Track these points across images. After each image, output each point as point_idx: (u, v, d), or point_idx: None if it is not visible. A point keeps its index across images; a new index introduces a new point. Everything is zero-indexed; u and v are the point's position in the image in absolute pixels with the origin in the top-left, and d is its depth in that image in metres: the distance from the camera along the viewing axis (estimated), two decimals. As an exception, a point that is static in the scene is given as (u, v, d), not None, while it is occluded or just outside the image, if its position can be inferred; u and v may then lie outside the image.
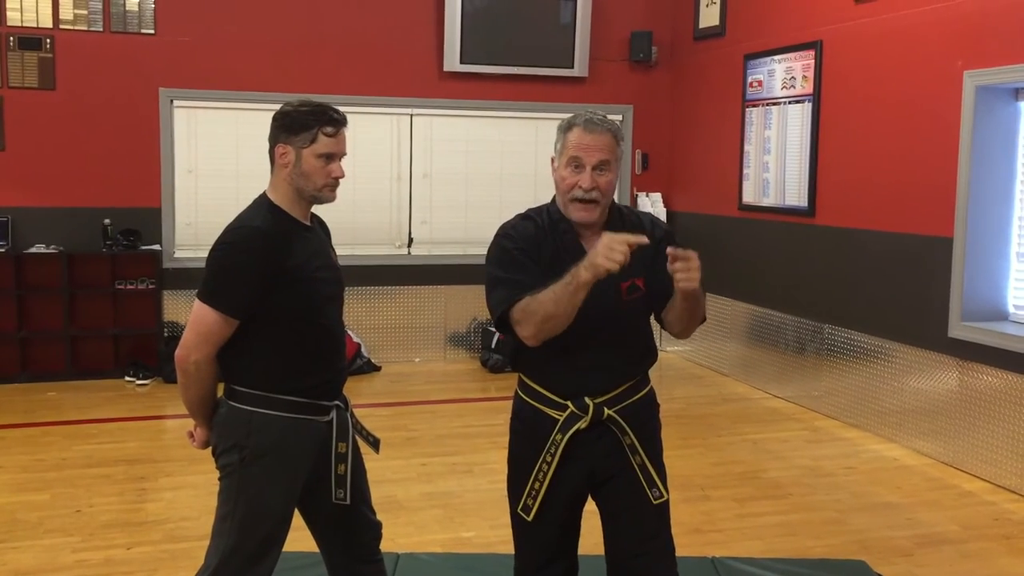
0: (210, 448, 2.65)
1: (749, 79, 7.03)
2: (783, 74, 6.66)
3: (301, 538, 2.87)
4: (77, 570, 3.78)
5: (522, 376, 2.65)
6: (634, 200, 8.04)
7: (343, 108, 2.67)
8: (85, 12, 6.88)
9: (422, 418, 6.14)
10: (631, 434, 2.54)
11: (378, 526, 2.82)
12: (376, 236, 7.65)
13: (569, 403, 2.52)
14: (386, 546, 2.89)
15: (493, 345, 7.53)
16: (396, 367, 7.54)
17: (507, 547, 2.85)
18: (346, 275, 2.77)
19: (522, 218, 2.61)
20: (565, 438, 2.51)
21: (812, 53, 6.34)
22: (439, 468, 5.11)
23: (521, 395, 2.64)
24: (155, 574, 3.75)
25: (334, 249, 2.77)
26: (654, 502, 2.56)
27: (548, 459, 2.53)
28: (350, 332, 7.03)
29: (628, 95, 8.10)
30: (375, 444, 2.83)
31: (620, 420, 2.53)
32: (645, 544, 2.58)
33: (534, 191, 7.65)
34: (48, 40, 6.82)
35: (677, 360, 7.79)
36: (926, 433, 5.42)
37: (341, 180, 2.61)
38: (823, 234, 6.31)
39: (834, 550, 4.08)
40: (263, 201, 2.60)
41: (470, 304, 7.72)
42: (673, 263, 2.29)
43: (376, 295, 7.63)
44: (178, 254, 7.21)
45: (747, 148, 7.09)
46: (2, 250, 6.74)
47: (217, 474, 2.61)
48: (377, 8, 7.47)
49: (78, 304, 6.98)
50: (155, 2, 7.00)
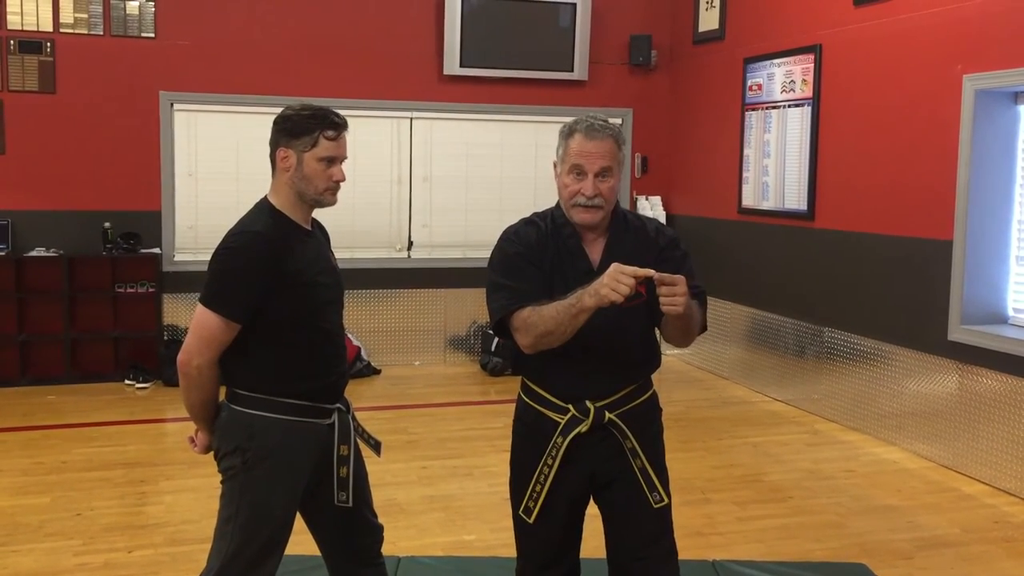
0: (212, 452, 2.66)
1: (748, 83, 7.04)
2: (782, 78, 6.67)
3: (303, 541, 2.87)
4: (78, 573, 3.77)
5: (524, 379, 2.65)
6: (633, 203, 8.05)
7: (343, 111, 2.68)
8: (85, 16, 6.89)
9: (422, 421, 6.14)
10: (632, 438, 2.55)
11: (379, 529, 2.83)
12: (376, 239, 7.65)
13: (570, 406, 2.52)
14: (387, 549, 2.90)
15: (493, 348, 7.53)
16: (396, 370, 7.54)
17: (508, 550, 2.86)
18: (346, 278, 2.78)
19: (525, 223, 2.62)
20: (566, 441, 2.51)
21: (811, 57, 6.35)
22: (440, 471, 5.11)
23: (523, 398, 2.65)
24: (156, 577, 3.75)
25: (334, 253, 2.77)
26: (655, 506, 2.57)
27: (549, 462, 2.53)
28: (350, 335, 7.04)
29: (628, 99, 8.11)
30: (376, 447, 2.84)
31: (621, 424, 2.54)
32: (646, 548, 2.58)
33: (534, 194, 7.66)
34: (48, 44, 6.83)
35: (677, 363, 7.80)
36: (926, 436, 5.42)
37: (342, 184, 2.62)
38: (823, 237, 6.32)
39: (835, 553, 4.08)
40: (264, 205, 2.60)
41: (470, 307, 7.73)
42: (659, 287, 2.29)
43: (376, 298, 7.63)
44: (178, 257, 7.21)
45: (746, 152, 7.10)
46: (2, 253, 6.75)
47: (218, 477, 2.61)
48: (377, 12, 7.48)
49: (78, 307, 6.98)
50: (155, 6, 7.01)
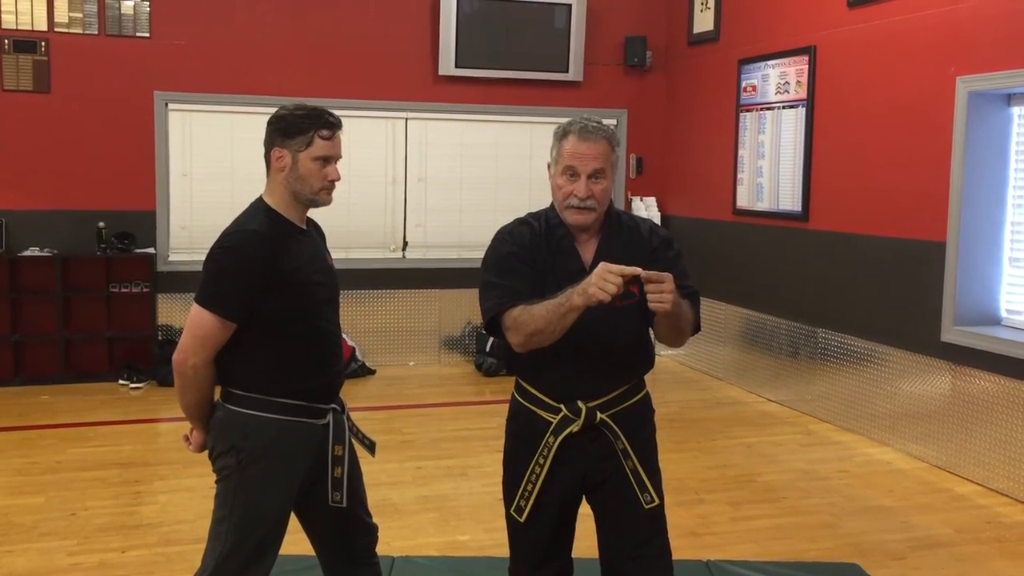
0: (206, 451, 2.66)
1: (743, 84, 7.06)
2: (777, 79, 6.68)
3: (297, 541, 2.87)
4: (72, 573, 3.77)
5: (518, 378, 2.66)
6: (628, 204, 8.06)
7: (338, 111, 2.68)
8: (80, 15, 6.88)
9: (417, 421, 6.14)
10: (623, 439, 2.55)
11: (374, 529, 2.83)
12: (371, 239, 7.65)
13: (562, 406, 2.53)
14: (381, 549, 2.90)
15: (488, 349, 7.54)
16: (391, 370, 7.54)
17: (502, 550, 2.86)
18: (341, 278, 2.78)
19: (519, 222, 2.63)
20: (557, 441, 2.52)
21: (806, 58, 6.37)
22: (434, 471, 5.11)
23: (517, 397, 2.66)
24: (150, 577, 3.75)
25: (329, 252, 2.78)
26: (646, 507, 2.57)
27: (541, 461, 2.54)
28: (345, 335, 7.01)
29: (622, 99, 8.12)
30: (371, 447, 2.84)
31: (612, 424, 2.54)
32: (638, 549, 2.59)
33: (528, 195, 7.66)
34: (43, 43, 6.82)
35: (671, 364, 7.81)
36: (919, 437, 5.44)
37: (337, 183, 2.62)
38: (817, 238, 6.33)
39: (828, 553, 4.10)
40: (259, 205, 2.61)
41: (465, 308, 7.73)
42: (646, 284, 2.30)
43: (371, 299, 7.63)
44: (172, 257, 7.21)
45: (741, 153, 7.11)
46: (-4, 253, 6.74)
47: (213, 477, 2.61)
48: (372, 12, 7.48)
49: (72, 307, 6.97)
50: (150, 5, 7.01)
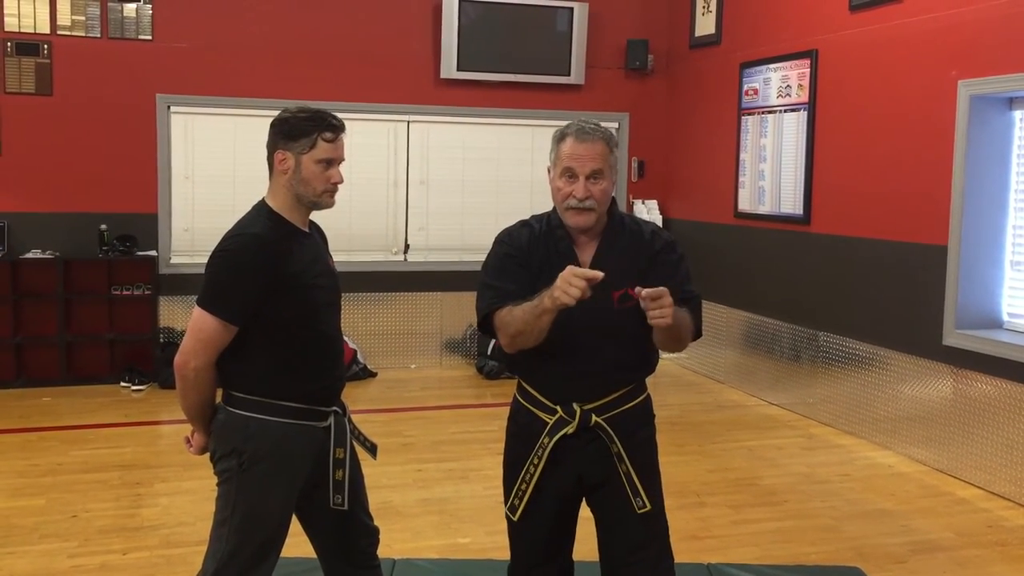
0: (207, 454, 2.66)
1: (745, 87, 7.06)
2: (779, 83, 6.69)
3: (298, 544, 2.88)
4: (73, 575, 3.77)
5: (519, 379, 2.68)
6: (630, 207, 8.06)
7: (340, 114, 2.69)
8: (83, 18, 6.89)
9: (418, 424, 6.14)
10: (618, 443, 2.55)
11: (375, 532, 2.83)
12: (372, 242, 7.66)
13: (558, 408, 2.54)
14: (382, 552, 2.90)
15: (489, 351, 7.54)
16: (392, 373, 7.54)
17: (503, 553, 2.86)
18: (342, 281, 2.78)
19: (521, 224, 2.66)
20: (552, 442, 2.53)
21: (807, 62, 6.37)
22: (435, 474, 5.11)
23: (517, 398, 2.68)
24: (151, 580, 3.76)
25: (331, 255, 2.78)
26: (637, 512, 2.56)
27: (535, 461, 2.55)
28: (346, 338, 7.02)
29: (624, 103, 8.12)
30: (373, 450, 2.85)
31: (607, 428, 2.54)
32: (636, 553, 2.59)
33: (530, 198, 7.66)
34: (45, 46, 6.83)
35: (672, 367, 7.80)
36: (920, 440, 5.43)
37: (339, 186, 2.63)
38: (818, 242, 6.34)
39: (829, 557, 4.09)
40: (262, 208, 2.61)
41: (466, 310, 7.72)
42: (644, 303, 2.31)
43: (372, 301, 7.64)
44: (174, 260, 7.21)
45: (743, 156, 7.11)
46: (-2, 255, 6.75)
47: (214, 480, 2.62)
48: (374, 15, 7.49)
49: (74, 310, 6.98)
50: (152, 8, 7.02)
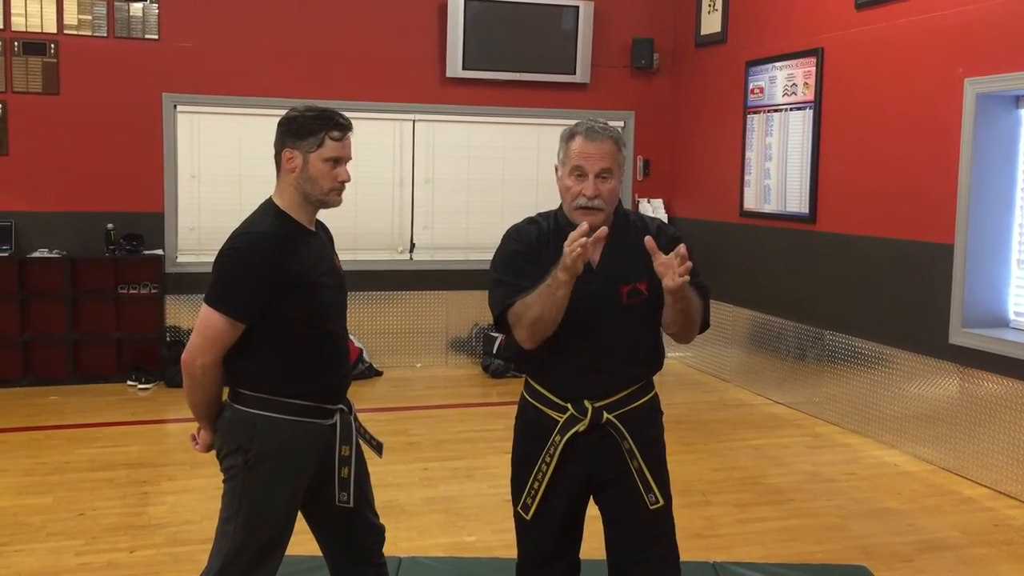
0: (214, 451, 2.67)
1: (750, 86, 7.05)
2: (784, 81, 6.68)
3: (304, 542, 2.88)
4: (80, 573, 3.79)
5: (527, 377, 2.67)
6: (636, 206, 8.06)
7: (346, 114, 2.69)
8: (89, 17, 6.91)
9: (423, 423, 6.15)
10: (629, 439, 2.55)
11: (381, 529, 2.83)
12: (378, 241, 7.67)
13: (569, 405, 2.54)
14: (388, 550, 2.91)
15: (494, 350, 7.54)
16: (398, 372, 7.55)
17: (509, 551, 2.87)
18: (348, 280, 2.79)
19: (528, 221, 2.66)
20: (563, 440, 2.53)
21: (813, 60, 6.36)
22: (441, 473, 5.12)
23: (525, 396, 2.67)
24: (158, 577, 3.77)
25: (337, 254, 2.79)
26: (650, 508, 2.57)
27: (547, 460, 2.55)
28: (352, 337, 7.05)
29: (630, 102, 8.12)
30: (378, 448, 2.85)
31: (619, 425, 2.54)
32: (645, 550, 2.59)
33: (536, 197, 7.67)
34: (52, 45, 6.85)
35: (679, 366, 7.80)
36: (927, 439, 5.42)
37: (347, 184, 2.63)
38: (824, 240, 6.33)
39: (835, 555, 4.09)
40: (269, 206, 2.62)
41: (472, 309, 7.74)
42: (661, 265, 2.33)
43: (378, 300, 7.64)
44: (181, 259, 7.23)
45: (748, 155, 7.11)
46: (5, 254, 6.76)
47: (220, 478, 2.62)
48: (380, 14, 7.50)
49: (81, 308, 7.00)
50: (159, 8, 7.04)
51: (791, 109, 6.61)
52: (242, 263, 2.50)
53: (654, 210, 8.06)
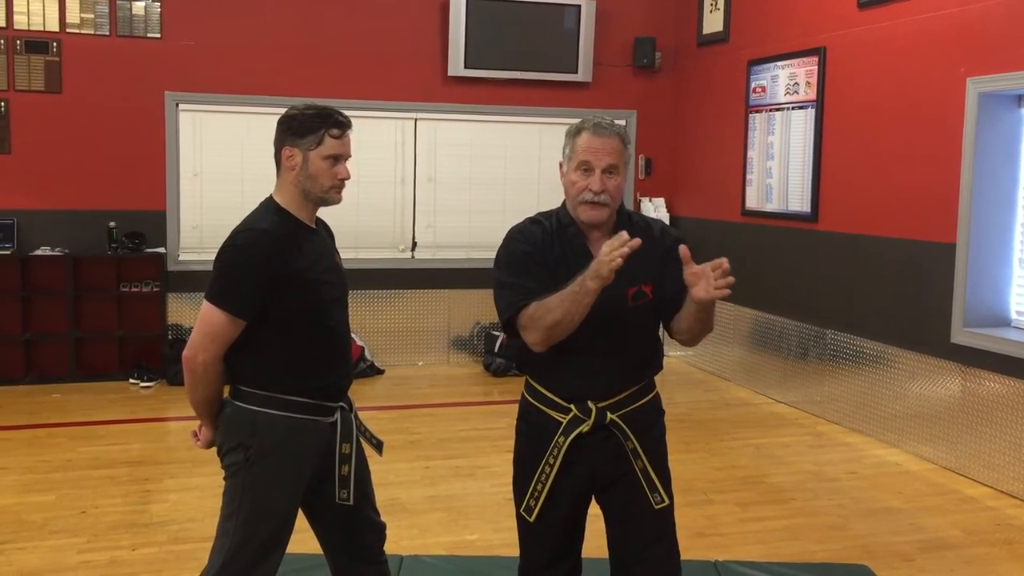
0: (215, 449, 2.67)
1: (752, 85, 7.05)
2: (786, 80, 6.68)
3: (305, 540, 2.88)
4: (82, 571, 3.79)
5: (528, 378, 2.67)
6: (637, 205, 8.06)
7: (347, 112, 2.70)
8: (92, 16, 6.91)
9: (425, 421, 6.15)
10: (633, 439, 2.55)
11: (382, 527, 2.83)
12: (380, 240, 7.67)
13: (572, 406, 2.53)
14: (389, 548, 2.91)
15: (496, 349, 7.55)
16: (399, 370, 7.55)
17: (510, 550, 2.87)
18: (349, 278, 2.79)
19: (531, 221, 2.64)
20: (567, 441, 2.53)
21: (815, 59, 6.36)
22: (442, 471, 5.12)
23: (527, 397, 2.66)
24: (159, 575, 3.76)
25: (338, 252, 2.79)
26: (655, 507, 2.57)
27: (551, 461, 2.54)
28: (354, 335, 7.04)
29: (632, 100, 8.12)
30: (379, 447, 2.85)
31: (623, 425, 2.54)
32: (648, 549, 2.59)
33: (537, 195, 7.67)
34: (55, 44, 6.85)
35: (680, 365, 7.80)
36: (928, 438, 5.42)
37: (347, 182, 2.64)
38: (826, 240, 6.32)
39: (837, 555, 4.09)
40: (270, 204, 2.62)
41: (473, 308, 7.74)
42: (714, 271, 2.33)
43: (380, 299, 7.65)
44: (183, 257, 7.23)
45: (750, 154, 7.10)
46: (7, 252, 6.77)
47: (222, 476, 2.63)
48: (382, 13, 7.50)
49: (83, 306, 7.00)
50: (161, 6, 7.04)
51: (793, 108, 6.61)
52: (243, 260, 2.51)
53: (656, 209, 8.05)
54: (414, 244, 7.78)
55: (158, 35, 7.06)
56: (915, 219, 5.53)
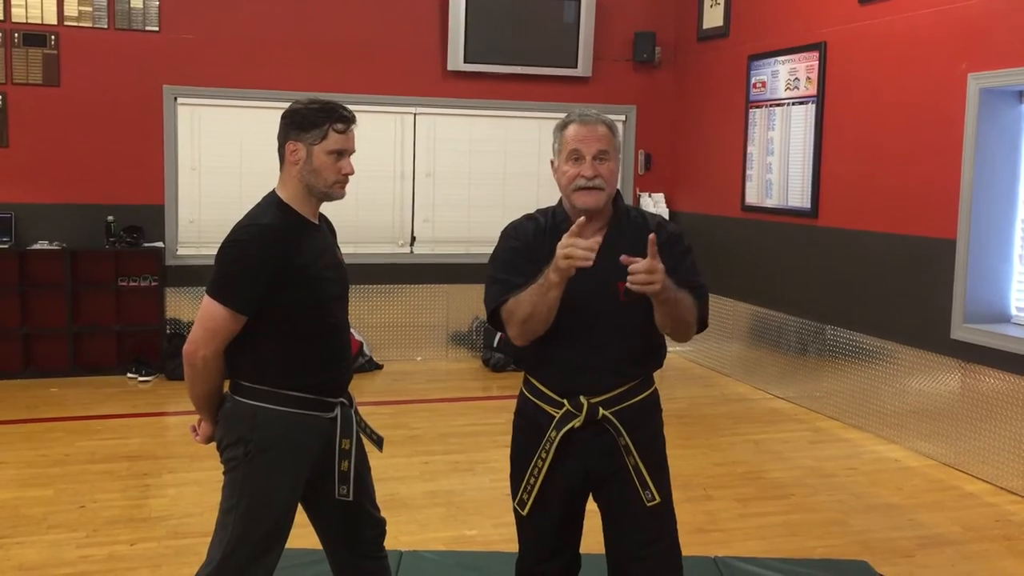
0: (214, 444, 2.67)
1: (753, 80, 7.04)
2: (787, 75, 6.66)
3: (305, 535, 2.88)
4: (81, 566, 3.79)
5: (525, 373, 2.67)
6: (637, 200, 8.05)
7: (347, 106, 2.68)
8: (90, 9, 6.89)
9: (424, 416, 6.14)
10: (626, 436, 2.54)
11: (382, 523, 2.83)
12: (379, 235, 7.66)
13: (565, 401, 2.53)
14: (389, 544, 2.90)
15: (495, 344, 7.54)
16: (398, 365, 7.54)
17: (509, 545, 2.86)
18: (349, 273, 2.78)
19: (527, 218, 2.65)
20: (559, 435, 2.52)
21: (816, 54, 6.34)
22: (441, 466, 5.11)
23: (524, 391, 2.67)
24: (158, 570, 3.76)
25: (339, 248, 2.78)
26: (647, 504, 2.56)
27: (543, 455, 2.54)
28: (352, 330, 7.02)
29: (631, 95, 8.10)
30: (379, 442, 2.85)
31: (615, 421, 2.53)
32: (645, 548, 2.58)
33: (537, 190, 7.66)
34: (53, 37, 6.83)
35: (679, 360, 7.80)
36: (928, 434, 5.42)
37: (350, 176, 2.62)
38: (826, 235, 6.32)
39: (836, 550, 4.09)
40: (272, 199, 2.61)
41: (472, 303, 7.72)
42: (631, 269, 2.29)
43: (378, 293, 7.64)
44: (181, 251, 7.22)
45: (750, 149, 7.09)
46: (6, 246, 6.75)
47: (221, 470, 2.62)
48: (381, 7, 7.48)
49: (81, 301, 6.99)
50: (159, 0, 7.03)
51: (793, 103, 6.60)
52: (245, 255, 2.50)
53: (655, 204, 8.05)
54: (413, 239, 7.77)
55: (156, 28, 7.04)
56: (915, 215, 5.52)
